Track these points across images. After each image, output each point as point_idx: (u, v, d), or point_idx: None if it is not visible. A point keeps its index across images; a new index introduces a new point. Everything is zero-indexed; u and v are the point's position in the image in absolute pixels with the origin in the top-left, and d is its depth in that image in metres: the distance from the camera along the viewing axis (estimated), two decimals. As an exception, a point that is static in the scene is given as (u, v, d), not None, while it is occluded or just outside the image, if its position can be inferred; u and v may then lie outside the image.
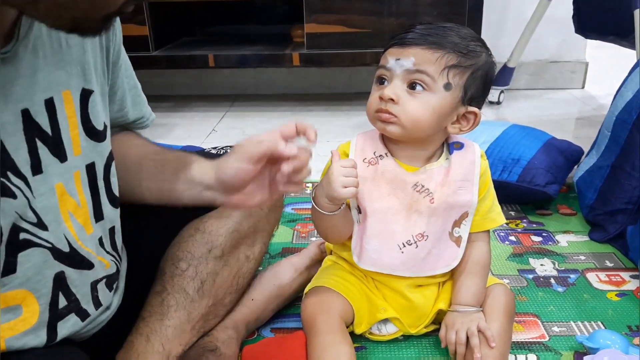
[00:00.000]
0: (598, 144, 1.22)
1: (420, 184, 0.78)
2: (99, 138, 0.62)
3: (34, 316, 0.55)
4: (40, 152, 0.54)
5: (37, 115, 0.53)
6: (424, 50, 0.73)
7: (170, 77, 2.37)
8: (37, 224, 0.53)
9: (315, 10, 1.90)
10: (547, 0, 1.93)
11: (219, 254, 0.77)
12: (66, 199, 0.57)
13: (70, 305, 0.59)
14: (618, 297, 0.95)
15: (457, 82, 0.74)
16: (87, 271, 0.61)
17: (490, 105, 2.14)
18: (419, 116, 0.74)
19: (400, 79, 0.74)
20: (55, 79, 0.55)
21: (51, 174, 0.55)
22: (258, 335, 0.86)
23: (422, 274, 0.81)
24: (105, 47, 0.64)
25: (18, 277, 0.52)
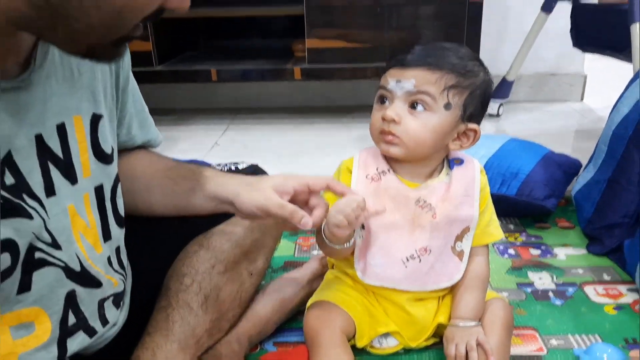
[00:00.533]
0: (595, 158, 1.24)
1: (422, 200, 0.80)
2: (107, 161, 0.64)
3: (45, 333, 0.57)
4: (53, 175, 0.56)
5: (50, 140, 0.55)
6: (424, 72, 0.75)
7: (173, 91, 2.40)
8: (52, 243, 0.55)
9: (316, 25, 1.93)
10: (544, 14, 1.95)
11: (222, 269, 0.79)
12: (77, 219, 0.59)
13: (78, 322, 0.61)
14: (615, 311, 0.96)
15: (456, 102, 0.76)
16: (96, 290, 0.62)
17: (490, 118, 2.16)
18: (420, 136, 0.76)
19: (402, 99, 0.76)
20: (67, 105, 0.58)
21: (63, 196, 0.57)
22: (261, 349, 0.88)
23: (426, 288, 0.82)
24: (115, 74, 0.67)
25: (32, 295, 0.54)
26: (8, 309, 0.52)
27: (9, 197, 0.50)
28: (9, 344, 0.53)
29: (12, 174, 0.51)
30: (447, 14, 1.90)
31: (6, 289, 0.51)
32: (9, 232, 0.50)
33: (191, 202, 0.74)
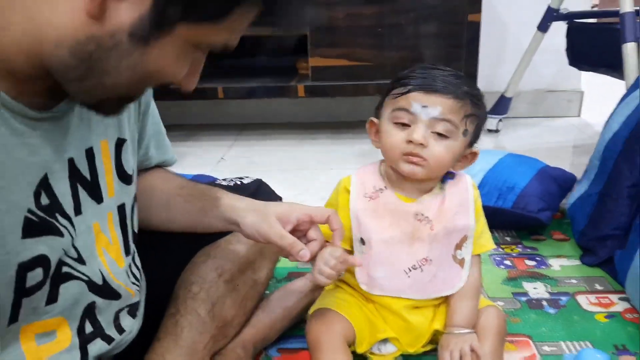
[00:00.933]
0: (588, 173, 1.28)
1: (420, 213, 0.84)
2: (128, 181, 0.70)
3: (66, 340, 0.60)
4: (81, 195, 0.60)
5: (80, 163, 0.60)
6: (450, 100, 0.79)
7: (181, 107, 2.46)
8: (77, 259, 0.60)
9: (319, 44, 1.99)
10: (541, 33, 2.01)
11: (228, 278, 0.83)
12: (101, 237, 0.64)
13: (95, 331, 0.64)
14: (606, 319, 1.00)
15: (471, 129, 0.82)
16: (115, 301, 0.67)
17: (489, 133, 2.21)
18: (443, 160, 0.81)
19: (426, 124, 0.80)
20: (95, 130, 0.63)
21: (89, 215, 0.62)
22: (265, 356, 0.92)
23: (429, 296, 0.86)
24: (138, 101, 0.72)
25: (58, 306, 0.58)
26: (36, 318, 0.56)
27: (44, 217, 0.54)
28: (34, 349, 0.57)
29: (47, 195, 0.55)
30: (447, 33, 1.95)
31: (36, 300, 0.55)
32: (43, 248, 0.54)
33: (203, 220, 0.79)
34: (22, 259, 0.52)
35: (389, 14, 1.93)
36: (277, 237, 0.72)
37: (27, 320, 0.56)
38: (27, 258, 0.52)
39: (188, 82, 0.56)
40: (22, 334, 0.56)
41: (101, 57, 0.49)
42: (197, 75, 0.57)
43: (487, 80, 2.31)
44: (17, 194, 0.51)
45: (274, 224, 0.73)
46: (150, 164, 0.82)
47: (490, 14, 2.21)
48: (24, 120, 0.52)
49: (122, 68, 0.50)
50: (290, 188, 1.67)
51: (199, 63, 0.57)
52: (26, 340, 0.57)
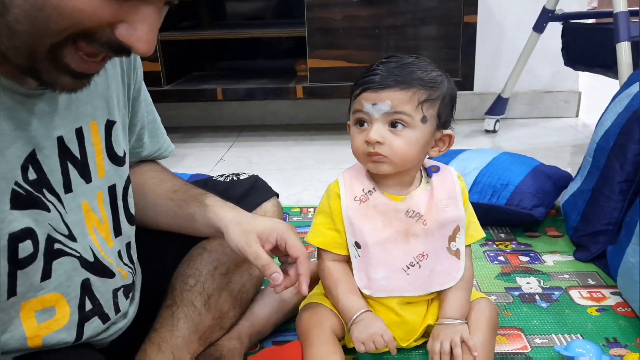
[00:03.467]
0: (582, 170, 1.30)
1: (411, 210, 0.85)
2: (120, 163, 0.71)
3: (65, 317, 0.63)
4: (71, 174, 0.62)
5: (70, 142, 0.62)
6: (397, 92, 0.79)
7: (180, 109, 2.48)
8: (68, 235, 0.62)
9: (317, 46, 2.01)
10: (536, 34, 2.03)
11: (224, 271, 0.84)
12: (90, 215, 0.66)
13: (94, 308, 0.67)
14: (598, 312, 1.01)
15: (431, 114, 0.81)
16: (109, 279, 0.68)
17: (487, 134, 2.23)
18: (405, 152, 0.81)
19: (381, 121, 0.80)
20: (84, 111, 0.64)
21: (79, 193, 0.64)
22: (260, 347, 0.93)
23: (431, 290, 0.87)
24: (126, 84, 0.73)
25: (53, 282, 0.60)
26: (33, 295, 0.59)
27: (31, 191, 0.57)
28: (35, 327, 0.59)
29: (34, 170, 0.57)
30: (443, 34, 1.98)
31: (32, 275, 0.58)
32: (28, 221, 0.56)
33: (192, 226, 0.80)
34: (12, 229, 0.54)
35: (386, 16, 1.96)
36: (253, 256, 0.73)
37: (26, 297, 0.58)
38: (16, 229, 0.55)
39: (132, 36, 0.49)
40: (23, 311, 0.58)
41: None
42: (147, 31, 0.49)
43: (484, 82, 2.33)
44: (4, 166, 0.54)
45: (253, 242, 0.73)
46: (144, 151, 0.84)
47: (487, 15, 2.23)
48: (13, 95, 0.54)
49: None
50: (289, 188, 1.69)
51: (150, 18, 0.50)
52: (27, 318, 0.59)
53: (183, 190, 0.83)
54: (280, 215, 0.97)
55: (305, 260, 0.75)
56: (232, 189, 0.93)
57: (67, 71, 0.51)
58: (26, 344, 0.59)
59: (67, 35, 0.48)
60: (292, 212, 1.50)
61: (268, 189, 0.98)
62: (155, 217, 0.83)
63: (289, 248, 0.75)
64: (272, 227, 0.76)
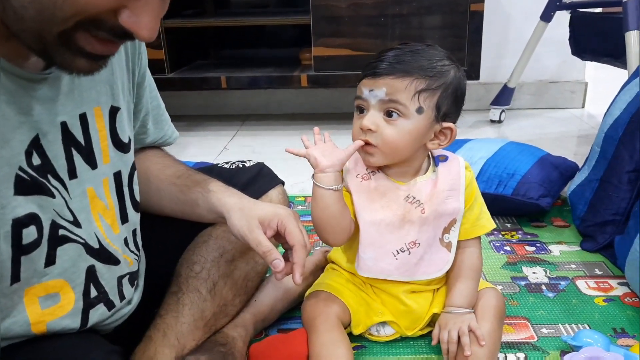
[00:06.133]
0: (589, 160, 1.29)
1: (411, 196, 0.84)
2: (125, 149, 0.70)
3: (70, 303, 0.62)
4: (75, 160, 0.62)
5: (73, 128, 0.61)
6: (394, 80, 0.77)
7: (184, 98, 2.47)
8: (73, 222, 0.61)
9: (322, 34, 2.00)
10: (544, 23, 2.00)
11: (230, 258, 0.84)
12: (96, 201, 0.65)
13: (99, 295, 0.66)
14: (605, 302, 1.00)
15: (428, 104, 0.79)
16: (114, 267, 0.68)
17: (492, 124, 2.21)
18: (396, 142, 0.79)
19: (377, 108, 0.79)
20: (88, 97, 0.63)
21: (84, 179, 0.63)
22: (265, 335, 0.93)
23: (415, 278, 0.87)
24: (131, 70, 0.73)
25: (57, 268, 0.60)
26: (37, 281, 0.58)
27: (35, 176, 0.56)
28: (38, 313, 0.59)
29: (39, 155, 0.57)
30: (450, 23, 1.95)
31: (36, 261, 0.57)
32: (33, 207, 0.55)
33: (195, 211, 0.80)
34: (15, 215, 0.54)
35: (392, 4, 1.93)
36: (254, 242, 0.71)
37: (30, 283, 0.57)
38: (20, 214, 0.54)
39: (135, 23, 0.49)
40: (26, 297, 0.58)
41: None
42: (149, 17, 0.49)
43: (490, 71, 2.31)
44: (8, 150, 0.53)
45: (254, 228, 0.72)
46: (148, 137, 0.83)
47: (493, 4, 2.20)
48: (14, 79, 0.53)
49: None
50: (293, 177, 1.68)
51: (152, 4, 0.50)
52: (30, 304, 0.58)
53: (186, 175, 0.82)
54: (286, 203, 0.96)
55: (300, 249, 0.73)
56: (238, 176, 0.92)
57: (83, 54, 0.50)
58: (30, 330, 0.59)
59: (74, 22, 0.47)
60: (296, 201, 1.50)
61: (274, 176, 0.98)
62: (159, 203, 0.82)
63: (287, 235, 0.73)
64: (274, 213, 0.74)
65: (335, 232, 0.82)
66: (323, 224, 0.82)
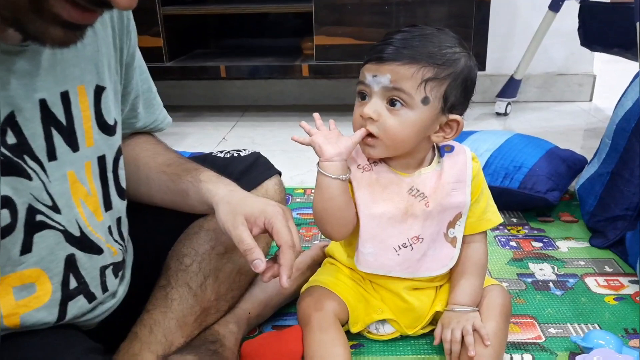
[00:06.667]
0: (599, 153, 1.24)
1: (415, 188, 0.79)
2: (110, 132, 0.66)
3: (46, 294, 0.58)
4: (55, 140, 0.57)
5: (54, 106, 0.57)
6: (400, 67, 0.72)
7: (183, 87, 2.43)
8: (52, 207, 0.57)
9: (324, 22, 1.95)
10: (552, 13, 1.95)
11: (222, 251, 0.80)
12: (77, 186, 0.61)
13: (79, 286, 0.62)
14: (616, 301, 0.96)
15: (435, 95, 0.74)
16: (97, 256, 0.64)
17: (498, 117, 2.16)
18: (398, 134, 0.74)
19: (379, 95, 0.74)
20: (71, 74, 0.59)
21: (64, 162, 0.59)
22: (259, 332, 0.89)
23: (418, 275, 0.82)
24: (119, 49, 0.68)
25: (33, 256, 0.56)
26: (11, 270, 0.54)
27: (9, 156, 0.52)
28: (12, 304, 0.55)
29: (14, 134, 0.53)
30: (456, 12, 1.90)
31: (10, 248, 0.53)
32: (6, 189, 0.51)
33: (186, 202, 0.75)
34: None
35: (396, -8, 1.88)
36: (237, 239, 0.66)
37: (4, 272, 0.54)
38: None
39: None
40: (0, 286, 0.54)
41: None
42: None
43: (496, 63, 2.26)
44: None
45: (239, 224, 0.67)
46: (138, 122, 0.79)
47: (500, -7, 2.15)
48: None
49: None
50: (293, 169, 1.64)
51: None
52: (4, 295, 0.55)
53: (177, 164, 0.77)
54: (282, 195, 0.92)
55: (287, 250, 0.66)
56: (232, 165, 0.88)
57: (58, 22, 0.46)
58: (1, 322, 0.55)
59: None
60: (295, 193, 1.46)
61: (270, 166, 0.93)
62: (149, 192, 0.78)
63: (274, 234, 0.68)
64: (261, 210, 0.69)
65: (340, 224, 0.78)
66: (327, 215, 0.77)
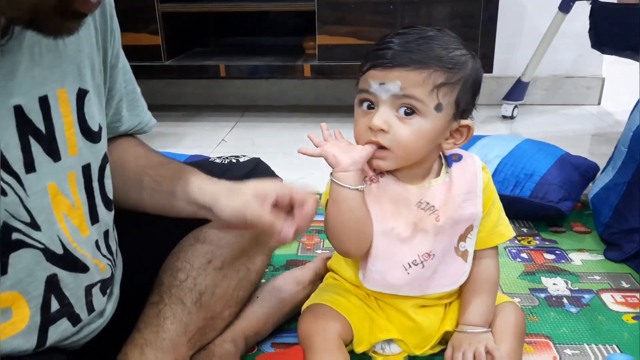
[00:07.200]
0: (614, 160, 1.19)
1: (424, 201, 0.74)
2: (95, 139, 0.61)
3: (23, 320, 0.53)
4: (34, 150, 0.52)
5: (31, 112, 0.52)
6: (409, 72, 0.67)
7: (181, 87, 2.38)
8: (30, 224, 0.52)
9: (327, 22, 1.90)
10: (562, 14, 1.90)
11: (219, 265, 0.75)
12: (60, 199, 0.56)
13: (62, 309, 0.57)
14: (634, 320, 0.91)
15: (447, 101, 0.69)
16: (82, 274, 0.59)
17: (504, 120, 2.11)
18: (412, 144, 0.69)
19: (388, 104, 0.69)
20: (50, 77, 0.54)
21: (44, 173, 0.54)
22: (258, 350, 0.84)
23: (428, 292, 0.77)
24: (102, 49, 0.63)
25: (9, 278, 0.51)
26: None
27: None
28: None
29: None
30: (462, 12, 1.86)
31: None
32: None
33: (173, 203, 0.69)
34: None
35: (402, -9, 1.83)
36: (255, 215, 0.62)
37: None
38: None
39: None
40: None
41: None
42: None
43: (503, 64, 2.20)
44: None
45: (252, 203, 0.63)
46: (122, 125, 0.73)
47: (508, -7, 2.10)
48: None
49: None
50: (294, 172, 1.59)
51: None
52: None
53: (163, 165, 0.72)
54: None
55: (312, 200, 0.65)
56: (230, 171, 0.82)
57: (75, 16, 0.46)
58: None
59: None
60: (296, 198, 1.40)
61: (270, 172, 0.88)
62: (139, 196, 0.72)
63: (295, 194, 0.64)
64: (267, 183, 0.66)
65: (360, 238, 0.73)
66: (346, 230, 0.72)
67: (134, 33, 1.91)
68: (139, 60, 1.86)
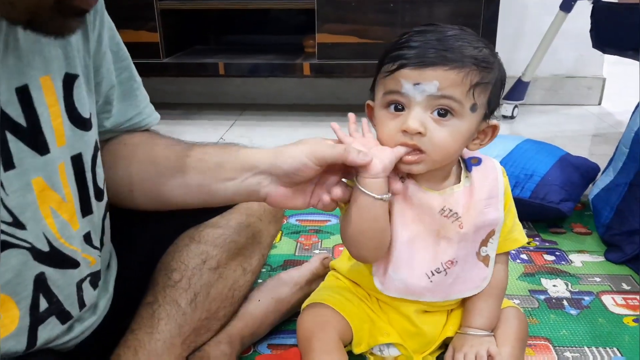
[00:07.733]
0: (615, 161, 1.18)
1: (447, 208, 0.71)
2: (86, 127, 0.58)
3: (13, 322, 0.52)
4: (12, 146, 0.50)
5: (7, 106, 0.49)
6: (447, 72, 0.63)
7: (180, 85, 2.36)
8: (13, 223, 0.50)
9: (327, 20, 1.88)
10: (563, 14, 1.89)
11: (215, 265, 0.74)
12: (47, 194, 0.54)
13: (51, 307, 0.56)
14: (635, 323, 0.90)
15: (481, 101, 0.66)
16: (72, 270, 0.57)
17: (504, 120, 2.10)
18: (449, 147, 0.66)
19: (423, 105, 0.64)
20: (30, 64, 0.51)
21: (27, 169, 0.51)
22: (254, 351, 0.83)
23: (450, 298, 0.76)
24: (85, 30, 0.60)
25: None
26: None
27: None
28: None
29: None
30: (463, 11, 1.85)
31: None
32: None
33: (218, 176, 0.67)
34: None
35: (402, -11, 1.82)
36: (328, 148, 0.62)
37: None
38: None
39: None
40: None
41: None
42: None
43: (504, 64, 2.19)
44: None
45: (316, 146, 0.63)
46: (111, 116, 0.69)
47: (509, -8, 2.08)
48: None
49: None
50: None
51: None
52: None
53: (201, 145, 0.72)
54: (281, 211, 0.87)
55: None
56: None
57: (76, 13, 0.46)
58: None
59: None
60: (294, 197, 1.39)
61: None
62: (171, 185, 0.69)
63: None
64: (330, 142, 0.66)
65: (378, 247, 0.70)
66: (365, 239, 0.68)
67: (132, 30, 1.90)
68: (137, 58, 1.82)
